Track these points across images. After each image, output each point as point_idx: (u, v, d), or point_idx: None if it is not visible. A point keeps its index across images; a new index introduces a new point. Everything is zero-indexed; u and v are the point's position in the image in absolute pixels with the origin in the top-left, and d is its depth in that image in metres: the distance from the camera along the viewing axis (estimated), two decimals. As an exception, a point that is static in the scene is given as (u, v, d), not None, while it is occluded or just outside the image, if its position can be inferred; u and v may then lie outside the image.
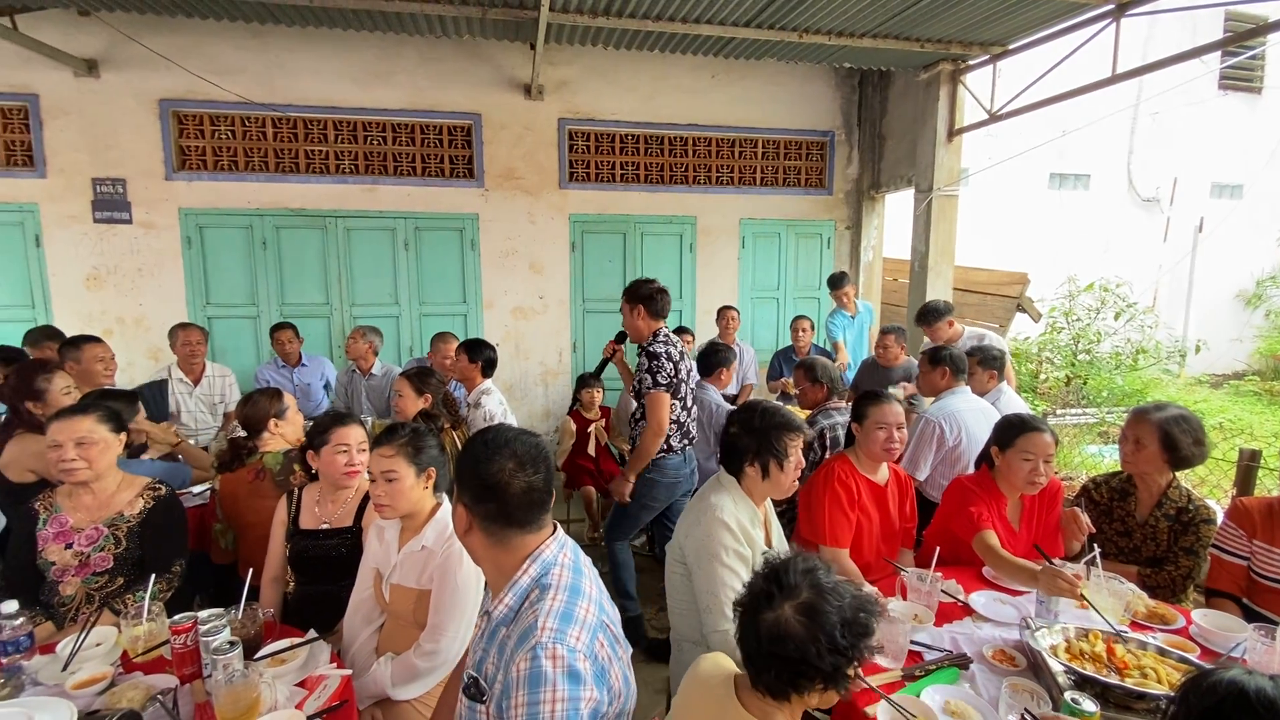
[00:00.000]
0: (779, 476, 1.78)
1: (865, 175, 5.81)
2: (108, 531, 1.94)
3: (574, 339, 5.59)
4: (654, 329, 2.87)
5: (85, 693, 1.51)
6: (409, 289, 5.27)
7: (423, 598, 1.69)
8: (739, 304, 5.64)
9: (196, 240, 4.93)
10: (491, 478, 1.15)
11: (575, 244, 5.43)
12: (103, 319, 4.82)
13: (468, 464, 1.19)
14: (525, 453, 1.18)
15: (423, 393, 2.87)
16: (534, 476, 1.17)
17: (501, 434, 1.21)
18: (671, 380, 2.76)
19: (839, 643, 1.10)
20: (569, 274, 5.44)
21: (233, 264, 5.00)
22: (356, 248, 5.16)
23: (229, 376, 4.16)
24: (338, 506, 2.04)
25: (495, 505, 1.16)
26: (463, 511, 1.20)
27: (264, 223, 4.99)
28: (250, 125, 4.93)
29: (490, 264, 5.32)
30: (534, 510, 1.18)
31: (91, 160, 4.71)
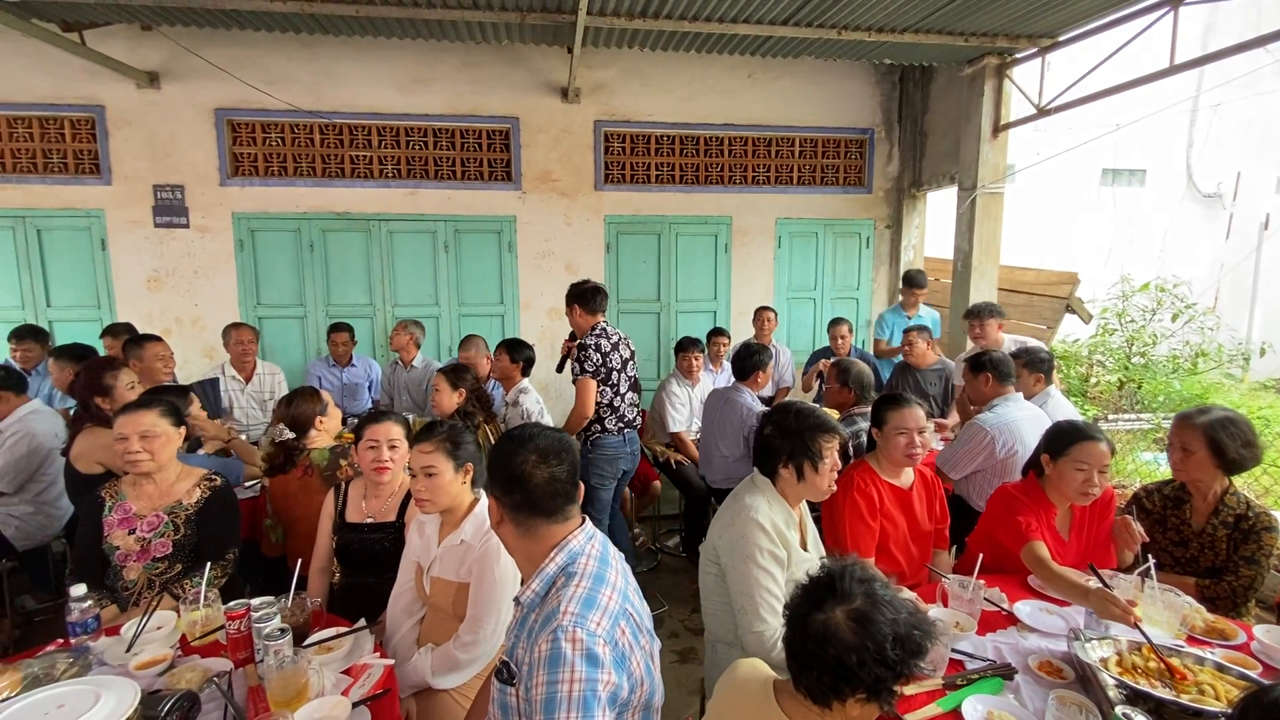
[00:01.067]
0: (814, 479, 1.76)
1: (906, 173, 5.71)
2: (167, 519, 2.02)
3: None
4: (591, 324, 3.15)
5: (147, 673, 1.58)
6: (448, 290, 5.38)
7: (461, 590, 1.73)
8: (775, 304, 5.59)
9: (248, 243, 5.12)
10: (516, 469, 1.22)
11: (610, 245, 5.47)
12: (162, 319, 5.06)
13: (497, 458, 1.26)
14: (548, 446, 1.25)
15: (457, 387, 2.93)
16: (556, 468, 1.23)
17: (527, 430, 1.28)
18: (598, 369, 3.06)
19: (888, 655, 1.07)
20: (604, 275, 5.47)
21: (282, 266, 5.18)
22: (398, 250, 5.29)
23: (278, 374, 4.29)
24: (382, 502, 2.09)
25: (521, 495, 1.21)
26: (494, 504, 1.26)
27: (311, 226, 5.16)
28: (299, 132, 5.11)
29: (527, 265, 5.39)
30: (558, 500, 1.23)
31: (152, 168, 4.94)
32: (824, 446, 1.74)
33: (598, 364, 3.09)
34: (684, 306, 5.64)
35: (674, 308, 5.63)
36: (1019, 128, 4.69)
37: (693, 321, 5.56)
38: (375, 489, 2.09)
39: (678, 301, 5.62)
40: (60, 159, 4.91)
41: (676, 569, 3.86)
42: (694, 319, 5.60)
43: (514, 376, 3.30)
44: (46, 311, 5.00)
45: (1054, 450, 2.05)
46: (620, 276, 5.53)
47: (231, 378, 4.08)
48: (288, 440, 2.53)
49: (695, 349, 3.97)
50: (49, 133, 4.88)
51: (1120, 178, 8.56)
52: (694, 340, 4.04)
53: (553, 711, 1.09)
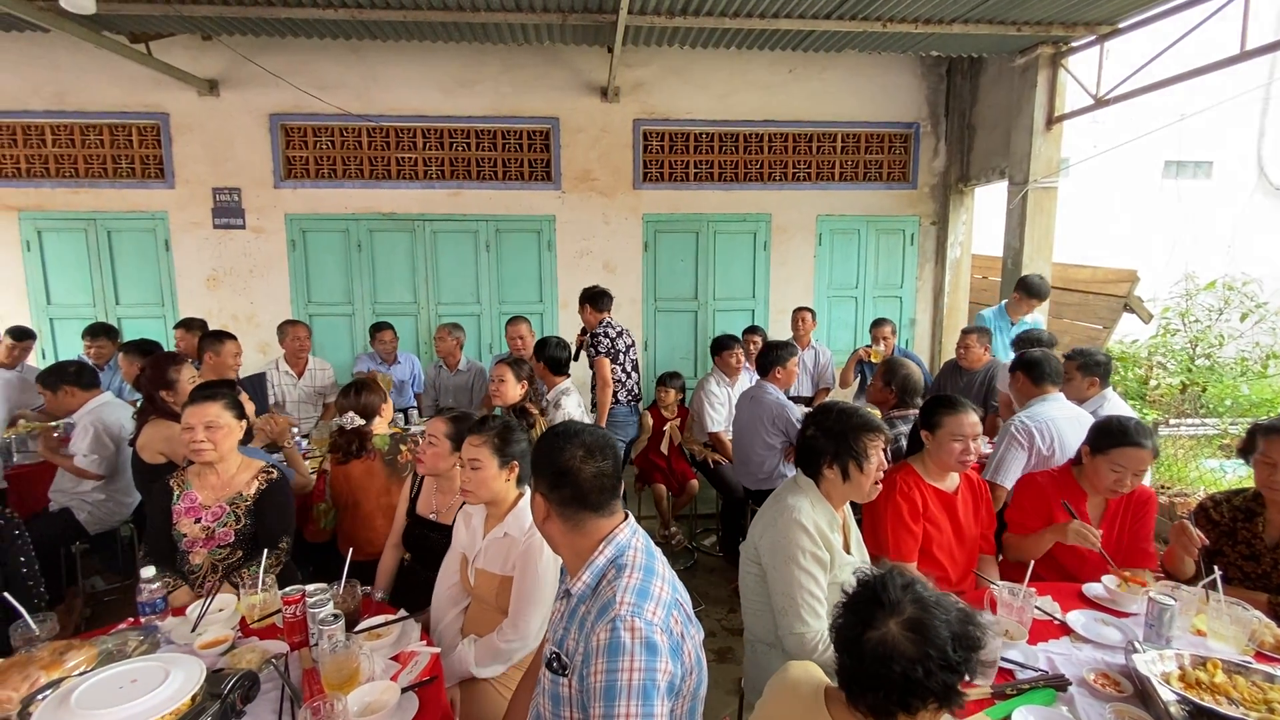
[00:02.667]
0: (859, 479, 1.73)
1: (953, 168, 5.55)
2: (229, 509, 2.09)
3: (646, 337, 5.63)
4: (599, 319, 3.87)
5: (210, 653, 1.65)
6: (489, 288, 5.45)
7: (505, 583, 1.76)
8: (815, 303, 5.57)
9: (300, 243, 5.29)
10: (564, 464, 1.24)
11: (648, 244, 5.49)
12: (219, 316, 5.27)
13: (543, 454, 1.28)
14: (593, 442, 1.27)
15: (521, 378, 2.94)
16: (602, 463, 1.25)
17: (571, 426, 1.31)
18: (609, 350, 3.80)
19: (951, 658, 1.05)
20: (642, 273, 5.50)
21: (331, 265, 5.33)
22: (441, 249, 5.38)
23: (328, 369, 4.38)
24: (446, 500, 2.14)
25: (569, 490, 1.24)
26: (540, 500, 1.28)
27: (359, 226, 5.30)
28: (348, 135, 5.25)
29: (566, 264, 5.43)
30: (605, 494, 1.25)
31: (211, 171, 5.16)
32: (869, 446, 1.72)
33: (608, 347, 3.82)
34: (722, 305, 5.62)
35: (711, 306, 5.62)
36: (1074, 119, 4.50)
37: (730, 320, 5.54)
38: (446, 483, 2.11)
39: (715, 300, 5.61)
40: (128, 164, 5.17)
41: (713, 568, 3.87)
42: (732, 317, 5.58)
43: (547, 378, 3.32)
44: (115, 309, 5.26)
45: (1095, 445, 2.04)
46: (658, 275, 5.55)
47: (285, 373, 4.17)
48: (360, 426, 2.57)
49: (735, 346, 3.96)
50: (118, 139, 5.14)
51: (1184, 170, 8.12)
52: (734, 338, 4.02)
53: (613, 700, 1.10)
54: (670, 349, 5.65)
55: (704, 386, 3.98)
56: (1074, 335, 5.14)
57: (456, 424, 2.13)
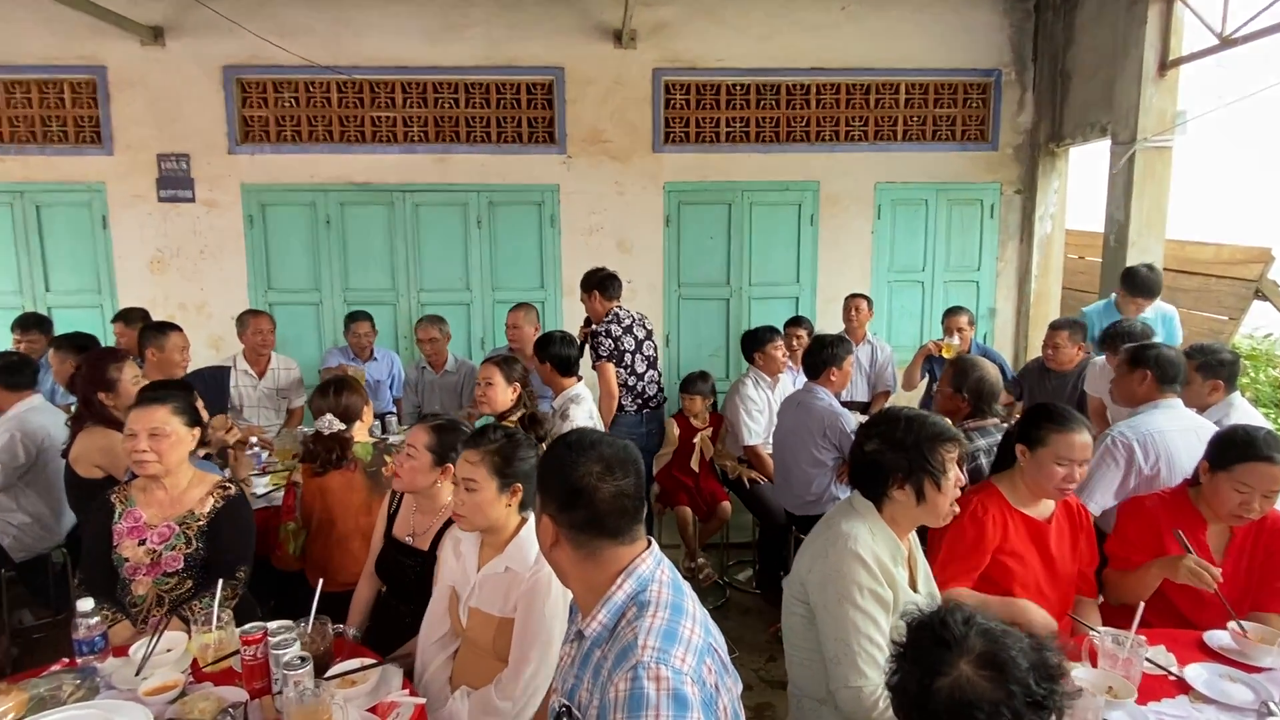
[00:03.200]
0: (937, 499, 1.72)
1: (1042, 124, 5.50)
2: (179, 529, 2.12)
3: (668, 330, 5.63)
4: (608, 309, 3.93)
5: (157, 700, 1.67)
6: (481, 272, 5.49)
7: (504, 626, 1.76)
8: (873, 289, 5.53)
9: (258, 219, 5.36)
10: (578, 482, 1.24)
11: (670, 218, 5.49)
12: (165, 305, 5.35)
13: (552, 470, 1.28)
14: (613, 456, 1.27)
15: (512, 380, 2.97)
16: (623, 481, 1.25)
17: (586, 436, 1.30)
18: (612, 352, 3.84)
19: (1035, 691, 1.05)
20: (663, 253, 5.51)
21: (295, 245, 5.40)
22: (425, 226, 5.42)
23: (294, 368, 4.41)
24: (426, 521, 2.18)
25: (584, 512, 1.24)
26: (548, 523, 1.28)
27: (327, 199, 5.36)
28: (314, 91, 5.31)
29: (572, 243, 5.44)
30: (626, 518, 1.25)
31: (157, 135, 5.24)
32: (945, 458, 1.72)
33: (610, 349, 3.84)
34: (759, 292, 5.63)
35: (747, 293, 5.62)
36: (1194, 64, 4.42)
37: (769, 310, 5.50)
38: (425, 505, 2.17)
39: (751, 286, 5.61)
40: (59, 127, 5.27)
41: (748, 608, 3.88)
42: (771, 306, 5.56)
43: (553, 381, 3.34)
44: (45, 297, 5.37)
45: (1216, 460, 2.05)
46: (682, 255, 5.54)
47: (244, 372, 4.22)
48: (340, 432, 2.60)
49: (775, 339, 3.97)
50: (47, 98, 5.24)
51: (1331, 125, 7.91)
52: (773, 330, 4.02)
53: None
54: (696, 345, 5.65)
55: (738, 390, 3.98)
56: (1192, 328, 5.03)
57: (440, 435, 2.15)
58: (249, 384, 4.23)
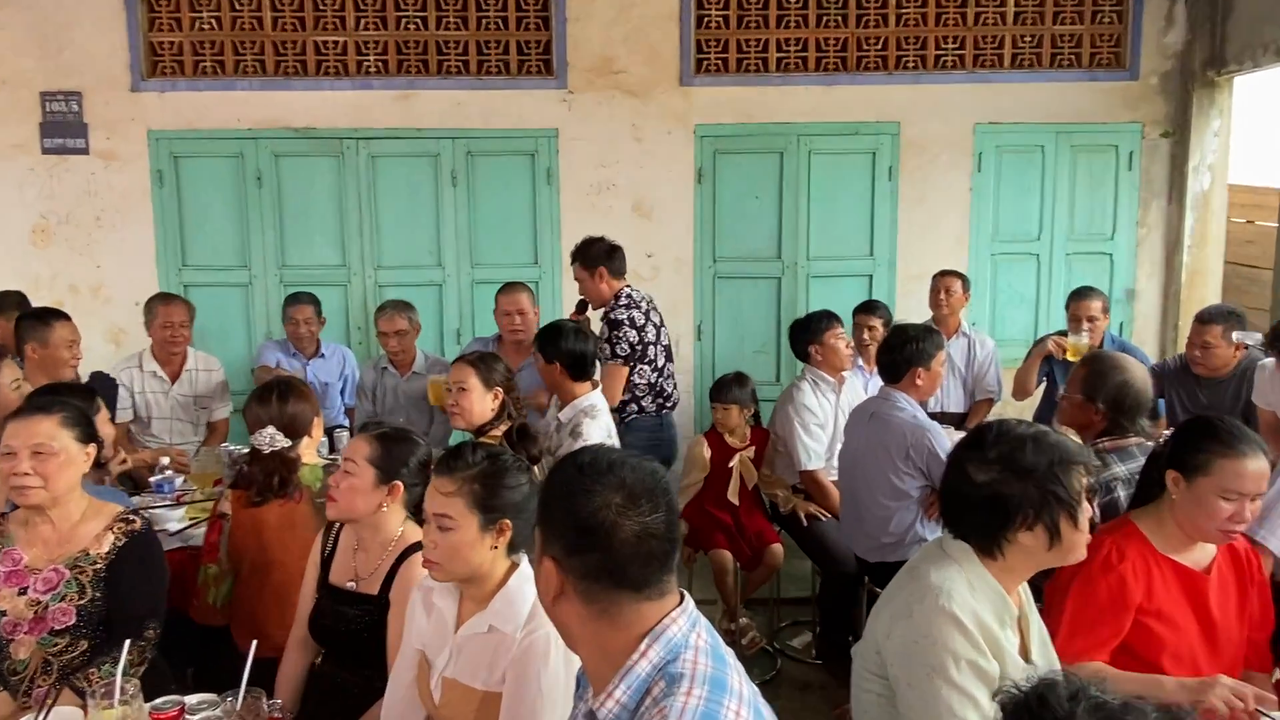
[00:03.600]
0: (1074, 537, 1.74)
1: (1197, 45, 5.35)
2: (69, 575, 2.13)
3: (699, 320, 5.57)
4: (617, 290, 4.01)
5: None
6: (457, 243, 5.44)
7: (489, 703, 1.78)
8: (970, 265, 5.43)
9: (170, 175, 5.30)
10: (592, 516, 1.24)
11: (703, 171, 5.41)
12: (52, 286, 5.31)
13: (558, 499, 1.29)
14: (638, 483, 1.27)
15: (492, 384, 3.03)
16: (650, 517, 1.25)
17: (602, 457, 1.31)
18: (634, 349, 3.93)
19: None
20: (693, 219, 5.45)
21: (217, 208, 5.34)
22: (385, 183, 5.36)
23: (215, 370, 4.41)
24: (371, 560, 2.25)
25: (598, 556, 1.25)
26: (551, 569, 1.28)
27: (258, 149, 5.30)
28: (242, 9, 5.24)
29: (575, 204, 5.40)
30: (652, 566, 1.26)
31: (39, 68, 5.19)
32: (1078, 485, 1.76)
33: (634, 343, 3.91)
34: (821, 268, 5.56)
35: (804, 270, 5.55)
36: None
37: (834, 292, 5.42)
38: (373, 538, 2.25)
39: (810, 260, 5.54)
40: (-83, 59, 5.25)
41: (807, 682, 3.88)
42: (837, 288, 5.48)
43: (565, 387, 3.36)
44: (-98, 276, 5.36)
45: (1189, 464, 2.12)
46: (719, 221, 5.47)
47: (151, 374, 4.21)
48: (284, 450, 2.66)
49: (834, 325, 3.96)
50: (-94, 22, 5.23)
51: None
52: (829, 315, 4.02)
53: None
54: (737, 339, 5.60)
55: (792, 397, 3.97)
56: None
57: (386, 445, 2.22)
58: (158, 389, 4.22)
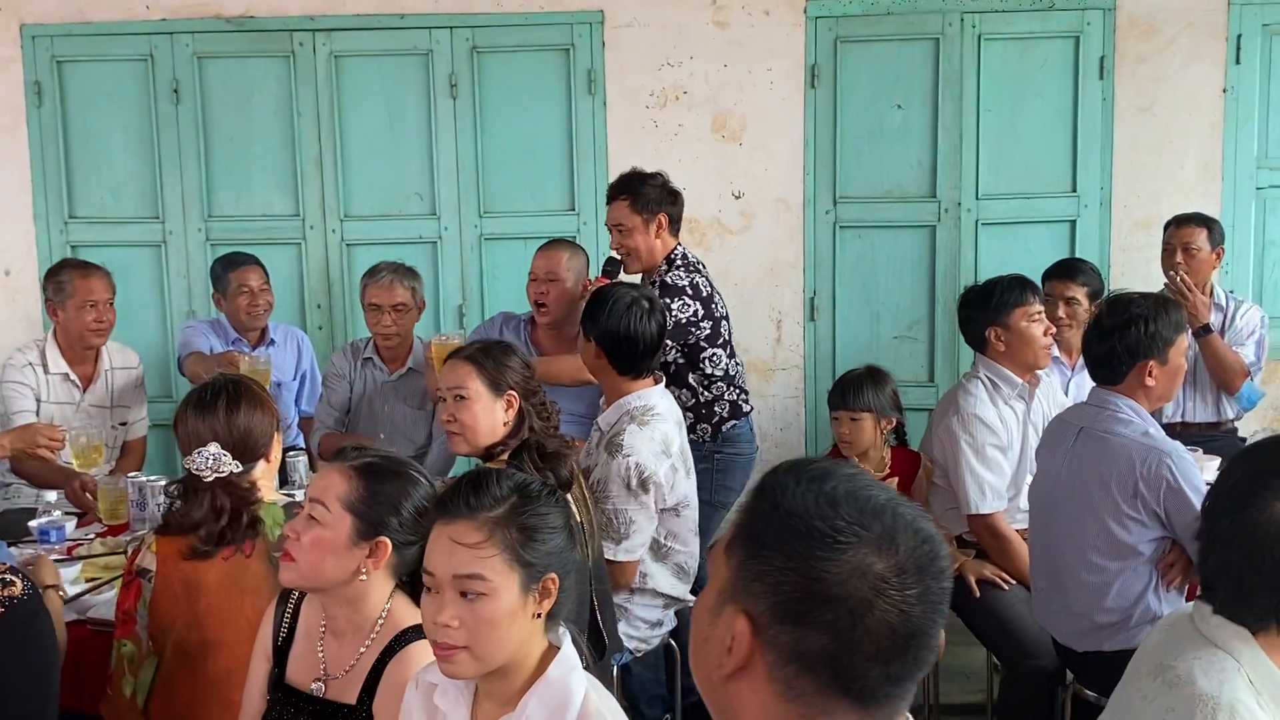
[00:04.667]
0: None
1: None
2: None
3: (811, 289, 5.64)
4: (669, 249, 4.24)
5: None
6: (459, 181, 5.49)
7: None
8: (1224, 206, 5.43)
9: (51, 88, 5.41)
10: (836, 585, 1.20)
11: (817, 69, 5.43)
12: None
13: (787, 538, 1.24)
14: (913, 546, 1.23)
15: (503, 388, 3.04)
16: (917, 607, 1.22)
17: (865, 489, 1.26)
18: (713, 331, 4.16)
19: None
20: (804, 140, 5.49)
21: (117, 136, 5.45)
22: (354, 95, 5.46)
23: (135, 368, 4.52)
24: (345, 649, 2.26)
25: (825, 641, 1.20)
26: (744, 630, 1.24)
27: (175, 48, 5.38)
28: None
29: (628, 123, 5.46)
30: (895, 674, 1.23)
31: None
32: None
33: (720, 319, 4.24)
34: (996, 210, 5.57)
35: (970, 214, 5.55)
36: None
37: (1017, 246, 5.47)
38: (343, 612, 2.27)
39: (980, 200, 5.55)
40: None
41: None
42: (1021, 239, 5.54)
43: (610, 381, 3.48)
44: None
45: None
46: (843, 143, 5.50)
47: (61, 376, 4.36)
48: (235, 477, 2.70)
49: (1028, 300, 3.93)
50: None
51: None
52: (1025, 286, 3.97)
53: None
54: (869, 316, 5.66)
55: (958, 406, 3.99)
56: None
57: (370, 482, 2.24)
58: (66, 398, 4.35)
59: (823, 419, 5.10)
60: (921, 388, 5.36)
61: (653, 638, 3.62)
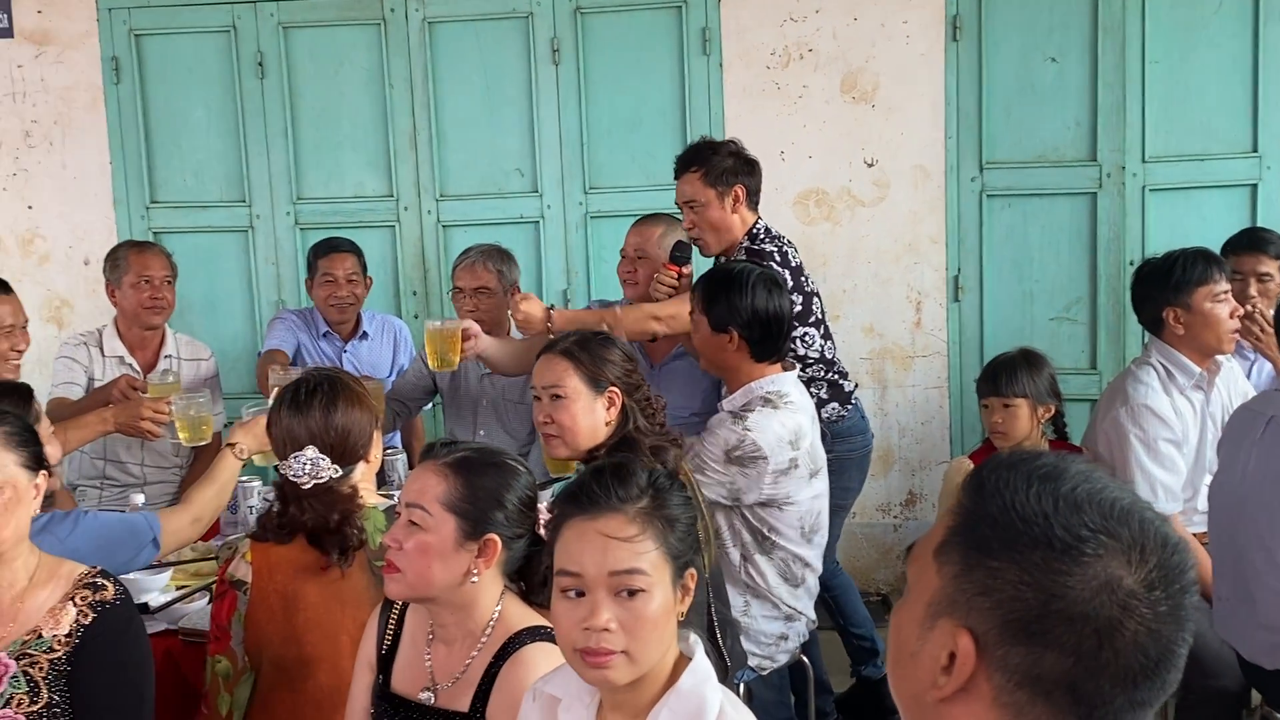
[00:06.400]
0: None
1: None
2: (16, 668, 2.27)
3: (956, 266, 5.62)
4: (749, 225, 4.20)
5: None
6: (562, 154, 5.49)
7: None
8: None
9: (130, 65, 5.48)
10: (1081, 602, 1.19)
11: (960, 19, 5.42)
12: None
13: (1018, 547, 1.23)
14: (1161, 554, 1.22)
15: (603, 385, 3.07)
16: (1167, 625, 1.22)
17: (1104, 488, 1.24)
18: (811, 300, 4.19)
19: None
20: (944, 102, 5.47)
21: (199, 112, 5.52)
22: (448, 65, 5.50)
23: (205, 360, 4.57)
24: (454, 657, 2.32)
25: (1067, 664, 1.20)
26: (968, 648, 1.23)
27: (259, 17, 5.42)
28: None
29: (747, 86, 5.46)
30: (1140, 694, 1.24)
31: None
32: None
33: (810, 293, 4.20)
34: (1166, 174, 5.49)
35: (1136, 179, 5.48)
36: None
37: (1190, 214, 5.42)
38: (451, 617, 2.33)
39: (1146, 163, 5.46)
40: None
41: None
42: (1195, 207, 5.48)
43: (731, 364, 3.51)
44: None
45: None
46: (989, 103, 5.49)
47: (116, 360, 4.41)
48: (334, 483, 2.75)
49: (1213, 277, 3.88)
50: None
51: None
52: (1209, 260, 3.92)
53: None
54: (1021, 295, 5.63)
55: (1127, 395, 4.01)
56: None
57: (468, 476, 2.28)
58: None
59: (969, 411, 5.09)
60: (1082, 375, 5.28)
61: (777, 654, 3.59)
